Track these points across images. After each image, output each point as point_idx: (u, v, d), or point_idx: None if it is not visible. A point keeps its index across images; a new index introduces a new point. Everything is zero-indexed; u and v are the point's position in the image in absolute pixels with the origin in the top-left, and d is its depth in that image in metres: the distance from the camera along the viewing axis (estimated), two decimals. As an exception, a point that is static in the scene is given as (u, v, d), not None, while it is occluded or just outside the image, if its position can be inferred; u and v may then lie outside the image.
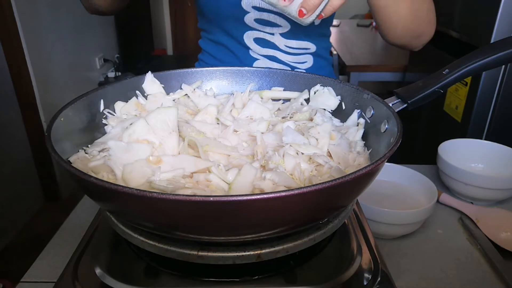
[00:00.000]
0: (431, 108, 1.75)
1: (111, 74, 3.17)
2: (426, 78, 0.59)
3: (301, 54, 0.94)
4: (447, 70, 0.59)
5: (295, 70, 0.91)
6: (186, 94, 0.68)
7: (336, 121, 0.63)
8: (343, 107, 0.64)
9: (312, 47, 0.93)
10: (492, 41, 1.34)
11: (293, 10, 0.56)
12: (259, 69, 0.71)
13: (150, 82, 0.66)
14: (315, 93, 0.66)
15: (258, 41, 0.91)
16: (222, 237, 0.42)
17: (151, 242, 0.45)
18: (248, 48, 0.92)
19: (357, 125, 0.60)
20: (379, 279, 0.48)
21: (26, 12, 2.18)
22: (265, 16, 0.86)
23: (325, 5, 0.56)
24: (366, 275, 0.48)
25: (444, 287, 0.65)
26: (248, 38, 0.90)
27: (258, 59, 0.93)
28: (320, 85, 0.67)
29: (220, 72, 0.71)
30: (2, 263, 2.00)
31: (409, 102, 0.57)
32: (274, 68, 0.71)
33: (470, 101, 1.44)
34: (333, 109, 0.65)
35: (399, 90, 0.59)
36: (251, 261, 0.44)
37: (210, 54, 0.99)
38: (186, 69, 0.71)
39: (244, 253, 0.43)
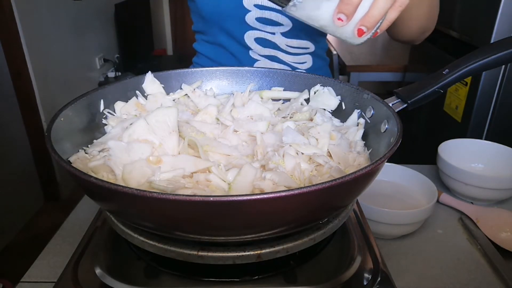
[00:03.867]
0: (431, 108, 1.75)
1: (111, 74, 3.16)
2: (426, 78, 0.59)
3: (301, 54, 0.94)
4: (447, 70, 0.59)
5: (295, 70, 0.91)
6: (186, 94, 0.68)
7: (336, 121, 0.63)
8: (343, 107, 0.64)
9: (312, 47, 0.94)
10: (492, 41, 1.34)
11: (348, 30, 0.49)
12: (259, 69, 0.71)
13: (150, 82, 0.66)
14: (315, 93, 0.66)
15: (259, 41, 0.90)
16: (222, 237, 0.42)
17: (151, 242, 0.45)
18: (248, 49, 0.92)
19: (357, 125, 0.60)
20: (379, 279, 0.48)
21: (26, 12, 2.18)
22: (266, 14, 0.86)
23: (383, 20, 0.49)
24: (366, 275, 0.48)
25: (444, 287, 0.65)
26: (249, 38, 0.90)
27: (258, 60, 0.93)
28: (320, 85, 0.67)
29: (220, 72, 0.71)
30: (2, 263, 2.00)
31: (409, 102, 0.57)
32: (274, 68, 0.71)
33: (470, 101, 1.44)
34: (333, 109, 0.65)
35: (399, 90, 0.59)
36: (251, 261, 0.44)
37: (207, 57, 0.98)
38: (186, 69, 0.71)
39: (244, 253, 0.43)
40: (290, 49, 0.92)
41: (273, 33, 0.89)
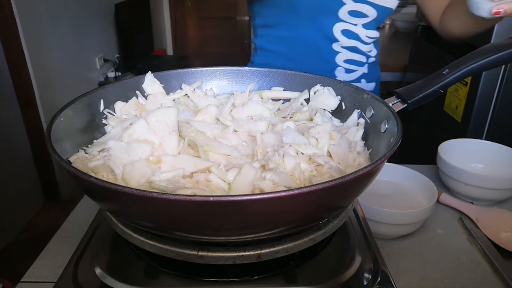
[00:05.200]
0: (431, 108, 1.75)
1: (111, 74, 3.16)
2: (426, 78, 0.59)
3: (371, 43, 0.99)
4: (447, 70, 0.59)
5: (369, 58, 0.98)
6: (186, 94, 0.68)
7: (336, 121, 0.63)
8: (343, 107, 0.64)
9: (377, 35, 0.99)
10: (492, 41, 1.34)
11: (489, 6, 0.67)
12: (259, 69, 0.71)
13: (150, 82, 0.66)
14: (315, 93, 0.67)
15: (345, 32, 0.93)
16: (222, 237, 0.42)
17: (151, 242, 0.45)
18: (334, 41, 0.94)
19: (357, 125, 0.60)
20: (379, 279, 0.48)
21: (26, 12, 2.17)
22: (359, 7, 0.88)
23: None
24: (366, 275, 0.48)
25: (444, 287, 0.65)
26: (337, 30, 0.92)
27: (340, 52, 0.95)
28: (320, 85, 0.67)
29: (220, 72, 0.71)
30: (2, 263, 2.00)
31: (409, 102, 0.57)
32: (274, 68, 0.71)
33: (470, 101, 1.44)
34: (333, 109, 0.65)
35: (399, 90, 0.59)
36: (251, 261, 0.44)
37: (275, 52, 0.99)
38: (186, 69, 0.71)
39: (244, 253, 0.43)
40: (367, 39, 0.96)
41: (356, 25, 0.92)
